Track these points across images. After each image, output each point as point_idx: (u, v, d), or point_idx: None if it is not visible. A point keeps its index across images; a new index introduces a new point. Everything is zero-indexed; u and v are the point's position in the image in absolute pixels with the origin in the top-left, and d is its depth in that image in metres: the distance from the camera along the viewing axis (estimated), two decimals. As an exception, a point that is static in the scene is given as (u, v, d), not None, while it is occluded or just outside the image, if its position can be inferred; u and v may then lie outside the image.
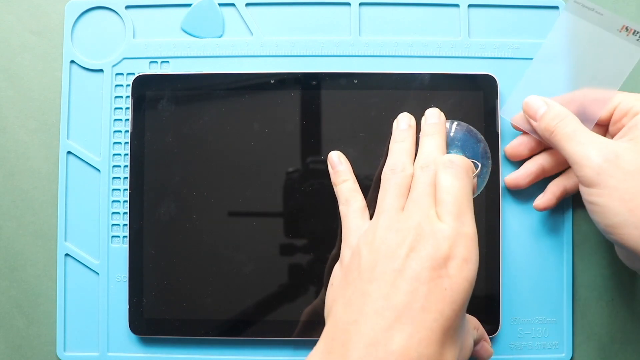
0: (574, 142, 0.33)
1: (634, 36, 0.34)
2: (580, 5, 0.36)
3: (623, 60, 0.35)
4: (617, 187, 0.31)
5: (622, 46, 0.35)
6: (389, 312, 0.28)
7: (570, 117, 0.35)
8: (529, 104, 0.37)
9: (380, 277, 0.29)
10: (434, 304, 0.28)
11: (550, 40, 0.38)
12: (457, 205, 0.31)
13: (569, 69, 0.37)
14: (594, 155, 0.32)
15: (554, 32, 0.37)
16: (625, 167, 0.31)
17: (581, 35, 0.36)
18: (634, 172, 0.31)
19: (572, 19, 0.36)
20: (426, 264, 0.29)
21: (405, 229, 0.30)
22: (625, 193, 0.31)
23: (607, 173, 0.32)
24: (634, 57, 0.35)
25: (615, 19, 0.35)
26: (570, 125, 0.34)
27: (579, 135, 0.34)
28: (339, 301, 0.31)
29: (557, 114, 0.35)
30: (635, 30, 0.34)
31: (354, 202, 0.36)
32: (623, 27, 0.35)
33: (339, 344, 0.28)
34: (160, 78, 0.40)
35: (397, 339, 0.27)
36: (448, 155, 0.33)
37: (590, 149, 0.33)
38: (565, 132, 0.34)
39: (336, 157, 0.38)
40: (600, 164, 0.32)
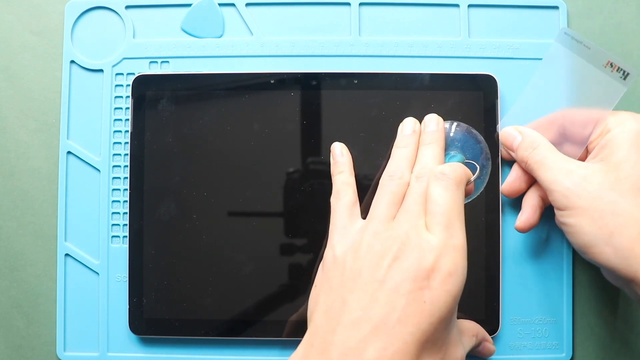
0: (544, 168, 0.35)
1: (618, 73, 0.35)
2: (570, 37, 0.36)
3: (607, 95, 0.35)
4: (585, 208, 0.32)
5: (606, 82, 0.35)
6: (366, 324, 0.28)
7: (542, 145, 0.36)
8: (505, 135, 0.38)
9: (361, 287, 0.29)
10: (411, 317, 0.28)
11: (541, 69, 0.38)
12: (446, 216, 0.31)
13: (558, 98, 0.37)
14: (562, 180, 0.33)
15: (545, 61, 0.38)
16: (592, 189, 0.32)
17: (569, 67, 0.37)
18: (600, 192, 0.32)
19: (561, 50, 0.37)
20: (407, 275, 0.29)
21: (392, 237, 0.30)
22: (594, 212, 0.32)
23: (575, 195, 0.33)
24: (617, 94, 0.35)
25: (601, 54, 0.35)
26: (541, 153, 0.35)
27: (549, 161, 0.35)
28: (320, 307, 0.31)
29: (529, 144, 0.36)
30: (620, 67, 0.35)
31: (344, 195, 0.35)
32: (608, 62, 0.35)
33: (316, 352, 0.29)
34: (160, 78, 0.40)
35: (371, 350, 0.27)
36: (441, 166, 0.33)
37: (558, 174, 0.34)
38: (537, 160, 0.35)
39: (338, 149, 0.38)
40: (568, 187, 0.33)
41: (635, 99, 0.41)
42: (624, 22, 0.41)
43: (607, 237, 0.32)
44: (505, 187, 0.38)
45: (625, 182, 0.32)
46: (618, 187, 0.32)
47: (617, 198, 0.32)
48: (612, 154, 0.33)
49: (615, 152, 0.33)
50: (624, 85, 0.35)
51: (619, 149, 0.33)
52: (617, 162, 0.33)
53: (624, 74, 0.35)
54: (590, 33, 0.41)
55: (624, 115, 0.35)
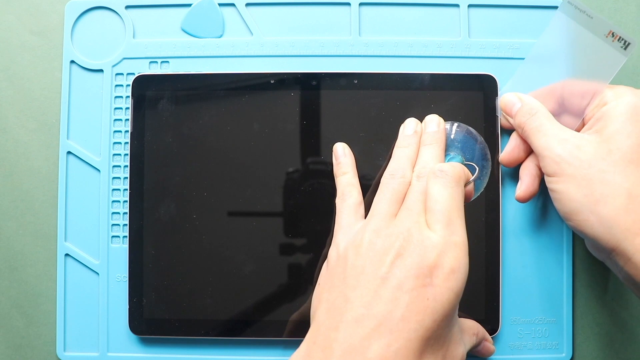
0: (539, 134, 0.35)
1: (619, 42, 0.35)
2: (573, 6, 0.36)
3: (607, 65, 0.35)
4: (574, 175, 0.33)
5: (607, 51, 0.35)
6: (369, 321, 0.28)
7: (541, 112, 0.36)
8: (505, 101, 0.38)
9: (363, 285, 0.29)
10: (414, 314, 0.28)
11: (543, 38, 0.38)
12: (447, 214, 0.31)
13: (558, 68, 0.37)
14: (555, 146, 0.34)
15: (547, 31, 0.38)
16: (583, 157, 0.33)
17: (571, 36, 0.37)
18: (591, 161, 0.33)
19: (564, 19, 0.37)
20: (410, 272, 0.29)
21: (394, 234, 0.30)
22: (582, 180, 0.32)
23: (565, 162, 0.33)
24: (617, 63, 0.35)
25: (603, 24, 0.35)
26: (538, 119, 0.36)
27: (544, 128, 0.35)
28: (323, 304, 0.31)
29: (528, 110, 0.36)
30: (621, 36, 0.35)
31: (349, 196, 0.35)
32: (610, 32, 0.35)
33: (319, 349, 0.29)
34: (160, 78, 0.40)
35: (375, 347, 0.28)
36: (440, 164, 0.33)
37: (552, 140, 0.34)
38: (534, 126, 0.35)
39: (341, 149, 0.38)
40: (559, 154, 0.33)
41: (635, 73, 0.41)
42: (624, 22, 0.41)
43: (593, 205, 0.32)
44: (504, 156, 0.38)
45: (616, 153, 0.32)
46: (609, 157, 0.32)
47: (607, 167, 0.32)
48: (607, 125, 0.33)
49: (610, 124, 0.33)
50: (624, 55, 0.35)
51: (613, 121, 0.33)
52: (611, 134, 0.33)
53: (624, 44, 0.35)
54: (590, 33, 0.41)
55: (622, 90, 0.35)
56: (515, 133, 0.38)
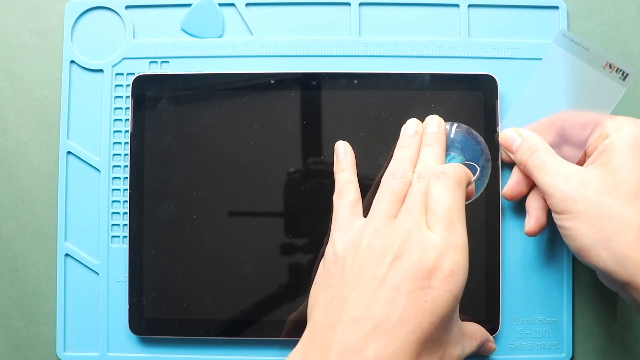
0: (543, 172, 0.35)
1: (617, 73, 0.35)
2: (568, 39, 0.36)
3: (607, 96, 0.35)
4: (582, 212, 0.32)
5: (606, 82, 0.35)
6: (366, 323, 0.28)
7: (542, 148, 0.36)
8: (504, 137, 0.38)
9: (362, 285, 0.29)
10: (412, 316, 0.28)
11: (540, 70, 0.38)
12: (447, 215, 0.31)
13: (557, 100, 0.37)
14: (560, 184, 0.33)
15: (543, 63, 0.38)
16: (589, 194, 0.33)
17: (568, 68, 0.37)
18: (597, 197, 0.32)
19: (559, 52, 0.37)
20: (409, 274, 0.29)
21: (393, 235, 0.30)
22: (591, 217, 0.32)
23: (572, 200, 0.33)
24: (617, 94, 0.35)
25: (600, 55, 0.35)
26: (539, 156, 0.35)
27: (547, 165, 0.35)
28: (320, 304, 0.31)
29: (529, 146, 0.36)
30: (619, 67, 0.35)
31: (346, 194, 0.35)
32: (607, 63, 0.35)
33: (316, 348, 0.29)
34: (160, 78, 0.40)
35: (372, 348, 0.28)
36: (442, 166, 0.33)
37: (556, 178, 0.34)
38: (536, 163, 0.35)
39: (342, 147, 0.38)
40: (565, 191, 0.33)
41: (635, 101, 0.41)
42: (624, 22, 0.41)
43: (604, 241, 0.32)
44: (507, 191, 0.38)
45: (622, 187, 0.32)
46: (615, 192, 0.32)
47: (614, 203, 0.32)
48: (610, 159, 0.33)
49: (613, 157, 0.33)
50: (623, 85, 0.35)
51: (617, 154, 0.33)
52: (615, 167, 0.33)
53: (623, 75, 0.35)
54: (590, 33, 0.41)
55: (623, 121, 0.35)
56: (517, 167, 0.38)
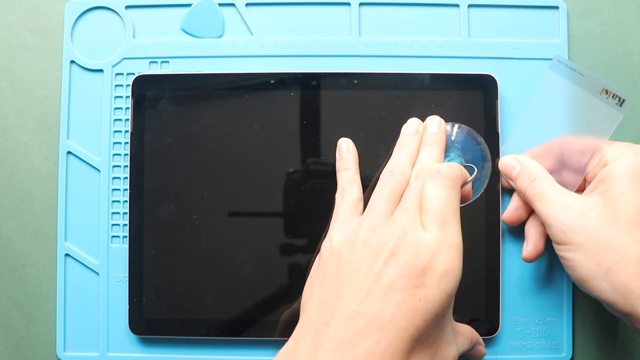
0: (542, 202, 0.34)
1: (614, 99, 0.35)
2: (563, 65, 0.36)
3: (604, 122, 0.35)
4: (582, 243, 0.32)
5: (603, 108, 0.35)
6: (360, 319, 0.28)
7: (540, 177, 0.35)
8: (504, 164, 0.38)
9: (356, 282, 0.29)
10: (405, 314, 0.28)
11: (537, 96, 0.38)
12: (442, 215, 0.31)
13: (555, 125, 0.37)
14: (559, 215, 0.33)
15: (540, 89, 0.38)
16: (589, 225, 0.32)
17: (564, 94, 0.37)
18: (597, 228, 0.32)
19: (555, 78, 0.37)
20: (403, 272, 0.29)
21: (389, 233, 0.30)
22: (591, 248, 0.32)
23: (572, 231, 0.33)
24: (614, 120, 0.35)
25: (596, 81, 0.35)
26: (538, 185, 0.35)
27: (546, 194, 0.34)
28: (314, 298, 0.31)
29: (528, 174, 0.36)
30: (615, 94, 0.35)
31: (349, 192, 0.35)
32: (603, 89, 0.35)
33: (308, 343, 0.29)
34: (160, 78, 0.40)
35: (364, 344, 0.28)
36: (437, 165, 0.33)
37: (555, 208, 0.34)
38: (535, 192, 0.35)
39: (345, 145, 0.38)
40: (565, 222, 0.33)
41: (632, 125, 0.41)
42: (624, 22, 0.41)
43: (605, 273, 0.32)
44: (506, 216, 0.38)
45: (622, 218, 0.32)
46: (615, 222, 0.32)
47: (614, 234, 0.32)
48: (610, 188, 0.33)
49: (613, 186, 0.33)
50: (620, 112, 0.34)
51: (616, 184, 0.33)
52: (614, 197, 0.33)
53: (619, 101, 0.34)
54: (590, 33, 0.41)
55: (621, 148, 0.35)
56: (516, 193, 0.38)
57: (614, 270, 0.31)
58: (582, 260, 0.32)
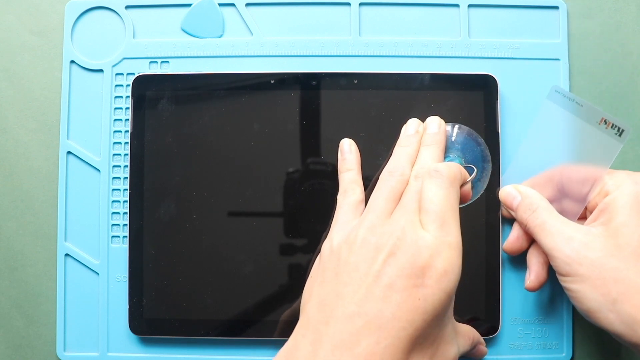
0: (544, 233, 0.34)
1: (613, 129, 0.35)
2: (561, 95, 0.36)
3: (604, 151, 0.35)
4: (587, 275, 0.32)
5: (602, 138, 0.35)
6: (359, 318, 0.28)
7: (541, 207, 0.35)
8: (504, 195, 0.38)
9: (356, 282, 0.29)
10: (404, 313, 0.28)
11: (535, 125, 0.38)
12: (441, 214, 0.31)
13: (554, 154, 0.37)
14: (563, 247, 0.33)
15: (538, 118, 0.38)
16: (593, 256, 0.32)
17: (563, 124, 0.36)
18: (601, 259, 0.32)
19: (554, 108, 0.37)
20: (402, 272, 0.29)
21: (388, 233, 0.30)
22: (596, 280, 0.32)
23: (576, 263, 0.33)
24: (614, 150, 0.35)
25: (594, 111, 0.35)
26: (540, 216, 0.35)
27: (548, 226, 0.34)
28: (314, 298, 0.31)
29: (529, 205, 0.36)
30: (614, 123, 0.35)
31: (351, 194, 0.35)
32: (602, 119, 0.35)
33: (308, 342, 0.29)
34: (160, 78, 0.40)
35: (364, 344, 0.28)
36: (436, 164, 0.33)
37: (558, 240, 0.33)
38: (537, 223, 0.35)
39: (347, 145, 0.38)
40: (569, 254, 0.33)
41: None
42: (624, 22, 0.41)
43: (611, 304, 0.31)
44: (507, 246, 0.38)
45: (626, 248, 0.32)
46: (619, 253, 0.32)
47: (619, 265, 0.32)
48: (612, 218, 0.33)
49: (615, 216, 0.33)
50: (619, 142, 0.34)
51: (618, 214, 0.33)
52: (617, 227, 0.33)
53: (619, 131, 0.34)
54: (590, 33, 0.41)
55: (622, 177, 0.34)
56: (517, 223, 0.38)
57: (620, 302, 0.31)
58: (588, 292, 0.32)
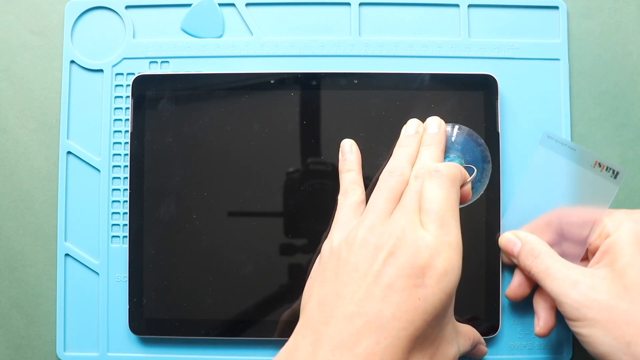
0: (549, 279, 0.34)
1: (608, 172, 0.34)
2: (553, 140, 0.37)
3: (600, 194, 0.35)
4: (597, 319, 0.32)
5: (597, 181, 0.35)
6: (359, 318, 0.28)
7: (543, 252, 0.35)
8: (504, 242, 0.38)
9: (356, 282, 0.29)
10: (404, 313, 0.28)
11: (531, 171, 0.38)
12: (441, 214, 0.31)
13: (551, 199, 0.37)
14: (569, 292, 0.33)
15: (533, 164, 0.38)
16: (601, 299, 0.32)
17: (558, 169, 0.37)
18: (610, 302, 0.32)
19: (547, 153, 0.37)
20: (402, 272, 0.29)
21: (388, 233, 0.30)
22: (607, 323, 0.32)
23: (585, 307, 0.32)
24: (610, 193, 0.35)
25: (588, 155, 0.35)
26: (543, 262, 0.35)
27: (552, 271, 0.34)
28: (314, 298, 0.31)
29: (530, 251, 0.36)
30: (608, 166, 0.34)
31: (352, 194, 0.35)
32: (596, 163, 0.35)
33: (308, 342, 0.29)
34: (160, 78, 0.40)
35: (364, 344, 0.28)
36: (436, 164, 0.33)
37: (564, 285, 0.33)
38: (540, 269, 0.35)
39: (348, 146, 0.38)
40: (576, 299, 0.32)
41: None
42: (624, 22, 0.41)
43: (625, 347, 0.31)
44: (509, 293, 0.38)
45: (633, 289, 0.32)
46: (627, 295, 0.32)
47: (629, 306, 0.31)
48: (616, 259, 0.33)
49: (619, 257, 0.33)
50: (615, 184, 0.34)
51: (622, 255, 0.33)
52: (622, 268, 0.32)
53: (614, 173, 0.34)
54: (590, 33, 0.41)
55: (620, 216, 0.34)
56: (519, 270, 0.38)
57: (634, 344, 0.31)
58: (600, 336, 0.32)
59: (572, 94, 0.41)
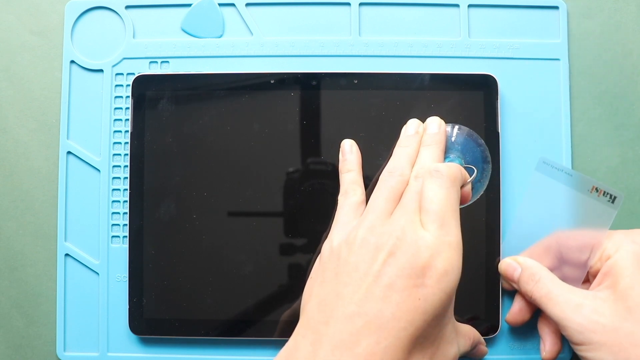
0: (552, 303, 0.34)
1: (605, 197, 0.35)
2: (549, 166, 0.37)
3: (599, 218, 0.35)
4: (603, 342, 0.32)
5: (595, 206, 0.35)
6: (359, 319, 0.28)
7: (544, 277, 0.35)
8: (504, 268, 0.38)
9: (355, 282, 0.29)
10: (404, 313, 0.28)
11: (527, 196, 0.38)
12: (441, 214, 0.31)
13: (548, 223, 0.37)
14: (573, 316, 0.33)
15: (529, 190, 0.38)
16: (605, 322, 0.32)
17: (554, 194, 0.37)
18: (614, 324, 0.32)
19: (543, 179, 0.37)
20: (403, 272, 0.29)
21: (388, 233, 0.30)
22: (612, 346, 0.31)
23: (589, 331, 0.32)
24: (608, 218, 0.35)
25: (584, 180, 0.35)
26: (544, 286, 0.35)
27: (554, 295, 0.34)
28: (313, 298, 0.31)
29: (530, 276, 0.36)
30: (606, 191, 0.35)
31: (352, 194, 0.35)
32: (593, 188, 0.35)
33: (308, 342, 0.29)
34: (160, 78, 0.40)
35: (364, 344, 0.28)
36: (436, 164, 0.33)
37: (567, 309, 0.33)
38: (542, 294, 0.35)
39: (348, 146, 0.38)
40: (580, 322, 0.32)
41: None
42: (624, 22, 0.41)
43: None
44: (510, 318, 0.38)
45: (636, 310, 0.32)
46: (630, 316, 0.32)
47: (633, 328, 0.31)
48: (617, 281, 0.33)
49: (620, 279, 0.33)
50: (613, 208, 0.34)
51: (623, 276, 0.33)
52: (624, 290, 0.32)
53: (611, 198, 0.34)
54: (590, 33, 0.41)
55: (619, 238, 0.34)
56: (519, 295, 0.38)
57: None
58: (606, 358, 0.32)
59: (572, 94, 0.41)
